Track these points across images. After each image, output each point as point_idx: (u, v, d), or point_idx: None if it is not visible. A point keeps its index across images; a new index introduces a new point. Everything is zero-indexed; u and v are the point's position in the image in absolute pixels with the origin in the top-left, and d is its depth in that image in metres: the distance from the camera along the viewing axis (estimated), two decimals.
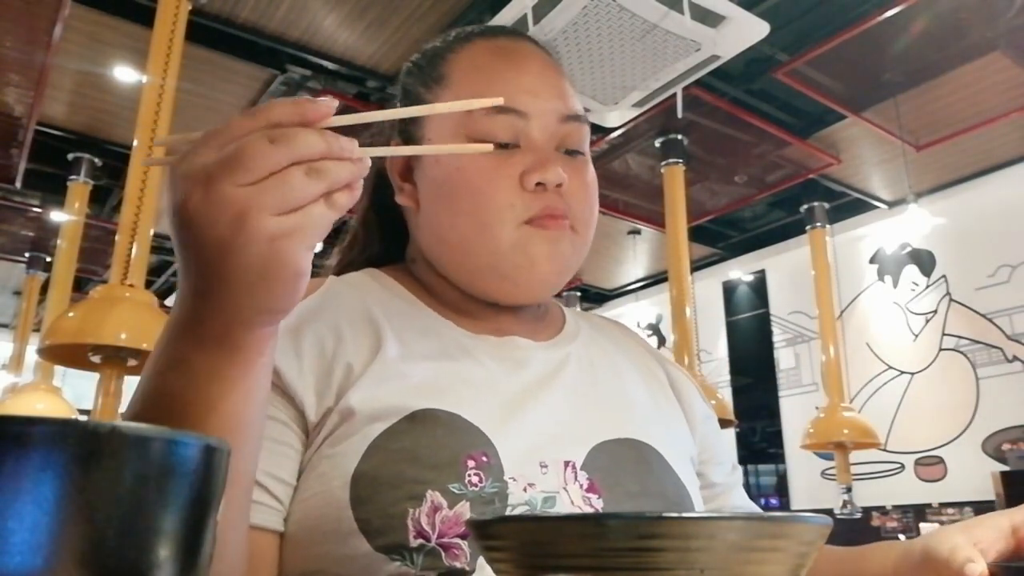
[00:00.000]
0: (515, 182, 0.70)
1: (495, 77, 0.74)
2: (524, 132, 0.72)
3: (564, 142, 0.74)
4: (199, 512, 0.27)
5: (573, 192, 0.72)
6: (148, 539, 0.25)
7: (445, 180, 0.72)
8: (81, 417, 1.73)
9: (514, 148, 0.71)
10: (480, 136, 0.71)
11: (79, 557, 0.23)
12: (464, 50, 0.77)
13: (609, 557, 0.29)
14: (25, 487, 0.23)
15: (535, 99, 0.73)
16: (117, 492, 0.24)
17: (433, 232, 0.75)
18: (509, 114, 0.71)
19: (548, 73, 0.76)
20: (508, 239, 0.70)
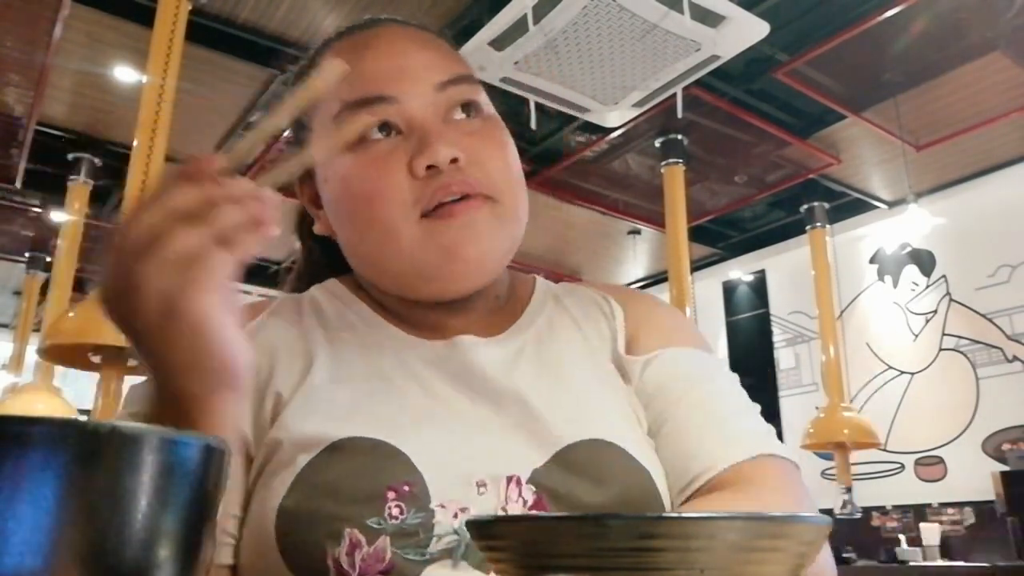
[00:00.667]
0: (404, 173, 0.64)
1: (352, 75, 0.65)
2: (401, 117, 0.66)
3: (452, 108, 0.67)
4: (199, 512, 0.27)
5: (477, 159, 0.65)
6: (148, 539, 0.25)
7: (339, 197, 0.68)
8: (81, 417, 1.73)
9: (396, 136, 0.66)
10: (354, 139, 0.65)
11: (79, 557, 0.23)
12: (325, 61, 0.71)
13: (609, 557, 0.29)
14: (25, 487, 0.23)
15: (397, 80, 0.66)
16: (117, 492, 0.24)
17: (349, 252, 0.71)
18: (374, 104, 0.65)
19: (407, 48, 0.69)
20: (414, 238, 0.64)
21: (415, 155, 0.64)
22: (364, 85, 0.66)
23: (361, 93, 0.66)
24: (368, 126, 0.65)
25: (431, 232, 0.64)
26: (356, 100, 0.66)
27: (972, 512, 4.98)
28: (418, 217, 0.64)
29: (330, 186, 0.69)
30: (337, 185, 0.68)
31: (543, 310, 0.76)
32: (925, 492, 5.22)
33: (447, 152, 0.63)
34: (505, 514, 0.58)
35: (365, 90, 0.66)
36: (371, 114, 0.65)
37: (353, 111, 0.66)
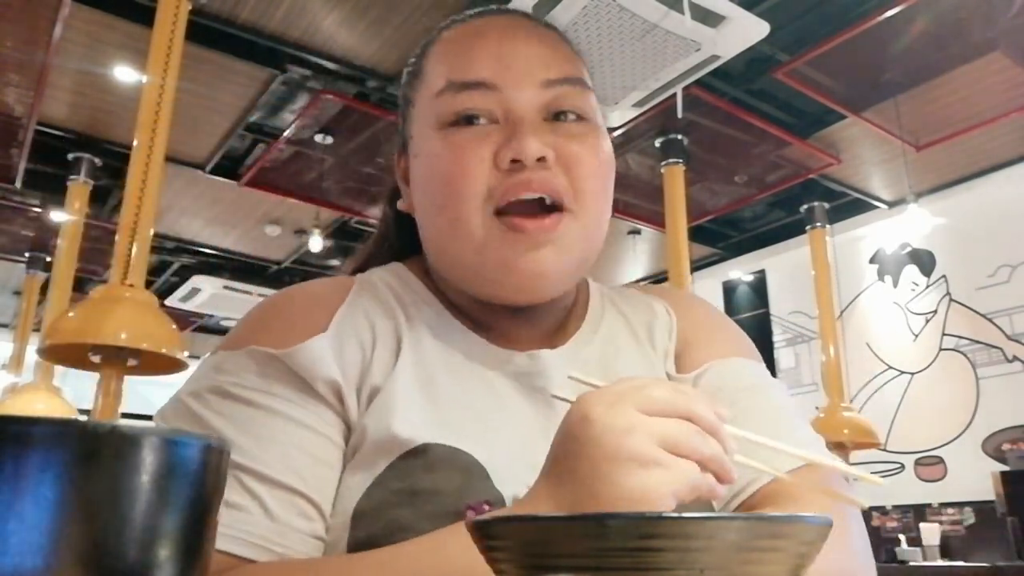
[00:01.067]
0: (488, 163, 0.62)
1: (461, 54, 0.67)
2: (501, 107, 0.64)
3: (555, 108, 0.65)
4: (199, 512, 0.27)
5: (566, 162, 0.63)
6: (148, 539, 0.25)
7: (423, 173, 0.66)
8: (81, 417, 1.74)
9: (490, 124, 0.64)
10: (452, 118, 0.64)
11: (79, 557, 0.23)
12: (441, 39, 0.71)
13: (609, 557, 0.29)
14: (25, 487, 0.23)
15: (505, 69, 0.65)
16: (117, 492, 0.24)
17: (423, 235, 0.70)
18: (476, 88, 0.64)
19: (526, 39, 0.67)
20: (479, 236, 0.62)
21: (502, 146, 0.62)
22: (470, 67, 0.65)
23: (465, 75, 0.65)
24: (465, 108, 0.64)
25: (499, 238, 0.62)
26: (459, 81, 0.65)
27: (972, 512, 4.98)
28: (491, 212, 0.62)
29: (418, 162, 0.68)
30: (423, 163, 0.67)
31: (603, 319, 0.75)
32: (925, 492, 5.22)
33: (536, 148, 0.61)
34: (505, 514, 0.58)
35: (470, 73, 0.65)
36: (472, 98, 0.64)
37: (455, 91, 0.65)
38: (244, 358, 0.62)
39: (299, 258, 6.35)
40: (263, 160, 4.65)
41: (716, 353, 0.72)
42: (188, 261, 6.45)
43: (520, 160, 0.61)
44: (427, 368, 0.65)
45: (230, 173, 4.94)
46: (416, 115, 0.69)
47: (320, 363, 0.61)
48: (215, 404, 0.59)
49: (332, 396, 0.61)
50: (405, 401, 0.62)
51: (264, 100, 4.19)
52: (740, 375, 0.70)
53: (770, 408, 0.68)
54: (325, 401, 0.61)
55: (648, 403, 0.47)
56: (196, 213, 5.65)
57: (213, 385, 0.60)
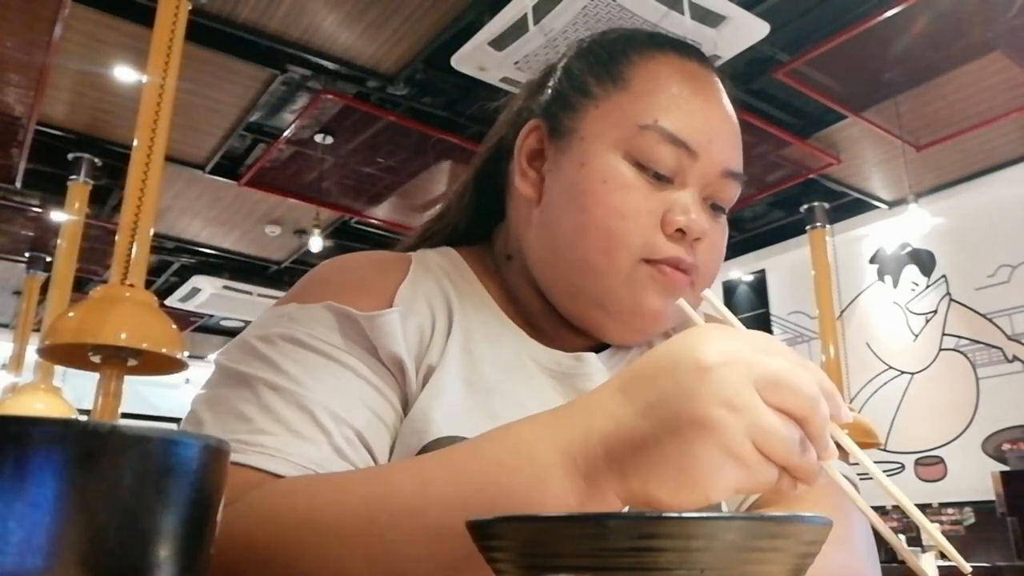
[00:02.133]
0: (656, 219, 0.65)
1: (677, 103, 0.67)
2: (685, 171, 0.66)
3: (715, 196, 0.68)
4: (199, 512, 0.27)
5: (706, 249, 0.67)
6: (148, 539, 0.25)
7: (585, 190, 0.66)
8: (81, 417, 1.73)
9: (667, 182, 0.66)
10: (640, 156, 0.65)
11: (79, 557, 0.23)
12: (652, 60, 0.70)
13: (609, 557, 0.29)
14: (25, 487, 0.23)
15: (709, 141, 0.67)
16: (117, 492, 0.24)
17: (550, 235, 0.69)
18: (680, 147, 0.65)
19: (728, 119, 0.70)
20: (625, 272, 0.64)
21: (675, 211, 0.65)
22: (686, 124, 0.66)
23: (680, 129, 0.66)
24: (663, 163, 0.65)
25: (642, 279, 0.64)
26: (672, 134, 0.65)
27: (972, 512, 4.98)
28: (639, 260, 0.64)
29: (585, 171, 0.66)
30: (594, 180, 0.66)
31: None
32: (925, 492, 5.22)
33: (702, 228, 0.65)
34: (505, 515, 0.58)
35: (684, 130, 0.66)
36: (673, 155, 0.65)
37: (663, 139, 0.65)
38: (321, 311, 0.63)
39: (299, 258, 6.35)
40: (263, 160, 4.65)
41: None
42: (188, 261, 6.45)
43: (684, 231, 0.65)
44: (474, 359, 0.66)
45: (230, 173, 4.94)
46: (598, 119, 0.68)
47: (391, 338, 0.62)
48: (287, 350, 0.60)
49: (397, 370, 0.63)
50: (450, 389, 0.63)
51: (264, 100, 4.19)
52: None
53: None
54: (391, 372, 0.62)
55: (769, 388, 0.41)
56: (196, 213, 5.65)
57: (285, 332, 0.61)
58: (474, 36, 3.07)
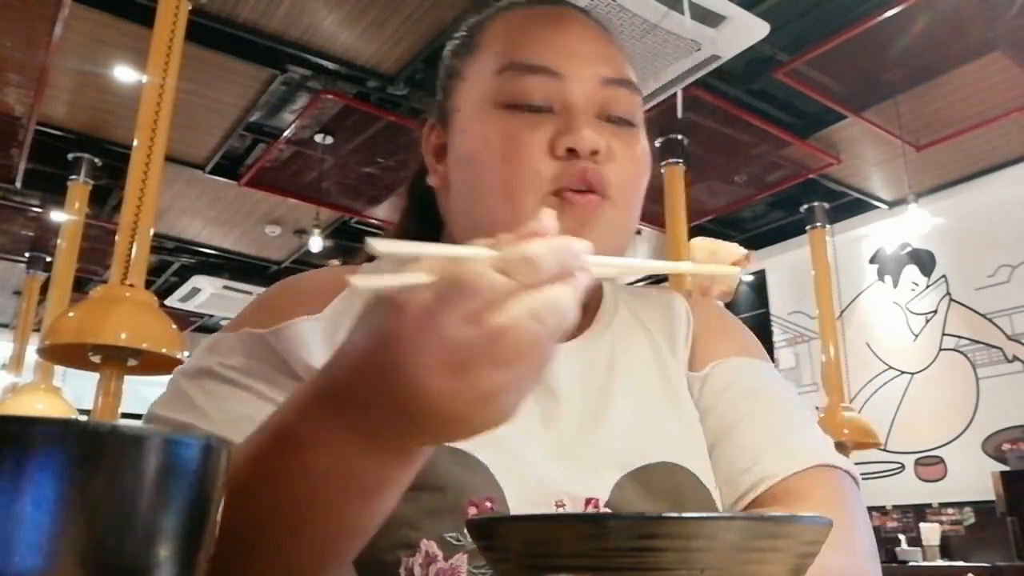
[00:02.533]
0: (544, 148, 0.63)
1: (528, 39, 0.67)
2: (559, 95, 0.65)
3: (607, 108, 0.66)
4: (199, 512, 0.27)
5: (613, 162, 0.65)
6: (148, 539, 0.25)
7: (472, 152, 0.66)
8: (81, 417, 1.73)
9: (546, 113, 0.65)
10: (511, 99, 0.65)
11: (79, 557, 0.23)
12: (500, 18, 0.71)
13: (610, 557, 0.29)
14: (25, 487, 0.23)
15: (571, 60, 0.66)
16: (117, 492, 0.24)
17: (461, 211, 0.69)
18: (542, 74, 0.65)
19: (590, 35, 0.69)
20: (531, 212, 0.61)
21: (560, 134, 0.63)
22: (537, 51, 0.66)
23: (531, 58, 0.65)
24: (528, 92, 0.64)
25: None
26: (525, 63, 0.65)
27: (972, 512, 4.98)
28: (546, 192, 0.62)
29: (467, 137, 0.67)
30: (474, 140, 0.66)
31: (615, 315, 0.74)
32: (925, 492, 5.22)
33: (592, 141, 0.63)
34: (505, 515, 0.58)
35: (537, 56, 0.65)
36: (535, 83, 0.65)
37: (519, 73, 0.65)
38: (234, 340, 0.62)
39: (299, 258, 6.35)
40: (263, 160, 4.65)
41: (723, 352, 0.72)
42: (188, 261, 6.45)
43: (576, 151, 0.62)
44: None
45: (230, 173, 4.94)
46: (466, 89, 0.69)
47: (300, 345, 0.60)
48: (203, 383, 0.60)
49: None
50: None
51: (264, 100, 4.19)
52: (747, 375, 0.70)
53: (777, 409, 0.67)
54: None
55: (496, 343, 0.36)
56: (196, 213, 5.65)
57: (202, 366, 0.61)
58: None
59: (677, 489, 0.62)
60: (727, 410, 0.67)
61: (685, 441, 0.66)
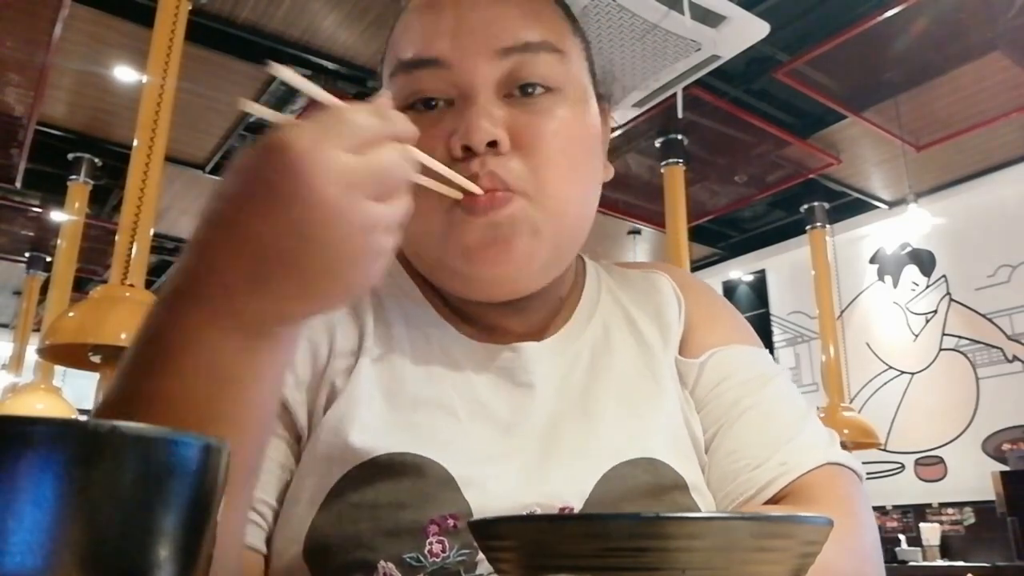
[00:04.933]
0: (443, 151, 0.56)
1: (410, 33, 0.61)
2: (454, 84, 0.58)
3: (514, 80, 0.58)
4: (199, 512, 0.27)
5: (523, 143, 0.57)
6: (148, 539, 0.25)
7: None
8: (81, 417, 1.72)
9: (446, 107, 0.58)
10: (406, 101, 0.59)
11: (79, 557, 0.23)
12: (400, 20, 0.65)
13: (611, 557, 0.29)
14: (25, 487, 0.23)
15: (453, 41, 0.58)
16: (117, 492, 0.24)
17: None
18: (425, 67, 0.58)
19: (476, 11, 0.59)
20: (439, 226, 0.57)
21: (452, 133, 0.56)
22: (417, 44, 0.59)
23: (413, 52, 0.60)
24: (419, 91, 0.59)
25: (457, 226, 0.56)
26: (409, 60, 0.60)
27: (972, 512, 4.98)
28: (449, 206, 0.56)
29: None
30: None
31: (597, 307, 0.70)
32: (925, 492, 5.22)
33: (484, 132, 0.55)
34: (507, 515, 0.57)
35: (418, 49, 0.59)
36: (424, 78, 0.59)
37: (407, 72, 0.59)
38: None
39: None
40: None
41: (720, 340, 0.68)
42: None
43: (471, 147, 0.55)
44: (395, 368, 0.60)
45: None
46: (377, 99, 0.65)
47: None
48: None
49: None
50: (366, 406, 0.57)
51: (264, 100, 4.19)
52: (746, 364, 0.67)
53: (780, 401, 0.65)
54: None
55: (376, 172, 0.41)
56: (196, 213, 5.63)
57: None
58: None
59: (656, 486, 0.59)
60: (730, 401, 0.64)
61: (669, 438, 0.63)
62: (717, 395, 0.65)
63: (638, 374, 0.66)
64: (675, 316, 0.70)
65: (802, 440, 0.62)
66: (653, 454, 0.60)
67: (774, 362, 0.70)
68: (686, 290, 0.73)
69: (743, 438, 0.63)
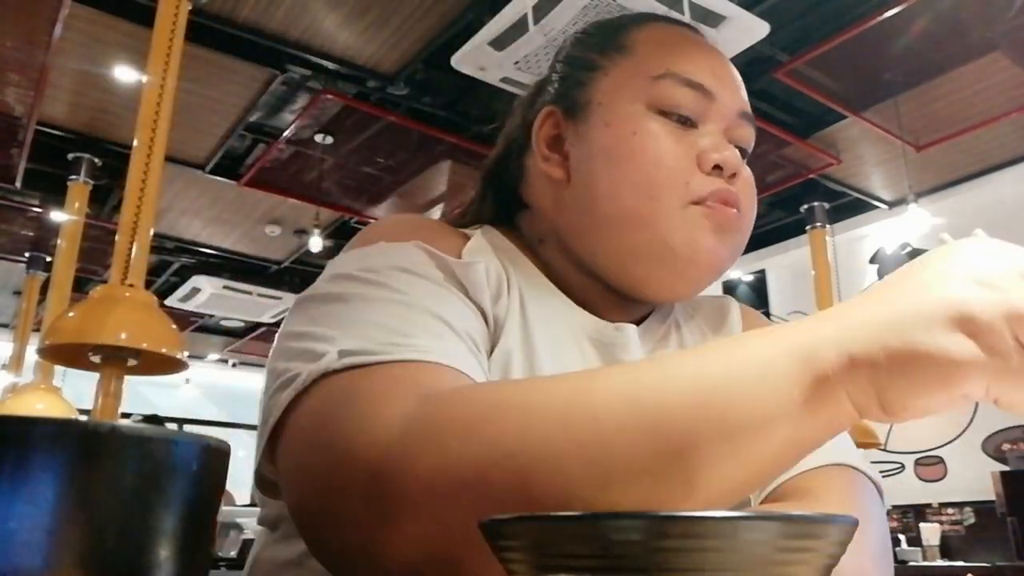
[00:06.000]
0: (692, 160, 0.66)
1: (683, 54, 0.70)
2: (705, 113, 0.68)
3: (735, 138, 0.72)
4: (199, 512, 0.27)
5: (744, 187, 0.70)
6: (148, 539, 0.25)
7: (616, 145, 0.66)
8: (81, 417, 1.73)
9: (692, 128, 0.68)
10: (661, 103, 0.67)
11: (79, 557, 0.23)
12: (647, 27, 0.73)
13: (624, 557, 0.29)
14: (25, 487, 0.23)
15: (721, 84, 0.70)
16: (117, 492, 0.24)
17: (588, 203, 0.68)
18: (697, 90, 0.68)
19: (731, 67, 0.74)
20: (676, 216, 0.64)
21: (709, 149, 0.66)
22: (695, 68, 0.69)
23: (691, 73, 0.68)
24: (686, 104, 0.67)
25: (694, 220, 0.64)
26: (684, 77, 0.68)
27: (972, 512, 4.98)
28: (689, 201, 0.65)
29: (612, 131, 0.67)
30: (624, 135, 0.66)
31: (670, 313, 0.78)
32: (925, 492, 5.22)
33: (737, 162, 0.68)
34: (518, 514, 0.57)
35: (695, 73, 0.68)
36: (691, 97, 0.67)
37: (678, 84, 0.67)
38: (413, 249, 0.61)
39: (299, 258, 6.35)
40: (263, 160, 4.65)
41: None
42: (188, 261, 6.45)
43: (721, 167, 0.66)
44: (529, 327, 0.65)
45: (230, 173, 4.94)
46: (611, 84, 0.70)
47: (480, 288, 0.62)
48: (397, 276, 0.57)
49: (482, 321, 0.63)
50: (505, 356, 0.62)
51: (264, 100, 4.19)
52: None
53: None
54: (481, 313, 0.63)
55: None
56: (196, 213, 5.65)
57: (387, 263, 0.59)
58: (474, 36, 3.07)
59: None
60: None
61: None
62: None
63: None
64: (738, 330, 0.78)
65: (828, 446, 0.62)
66: None
67: None
68: (746, 315, 0.81)
69: None
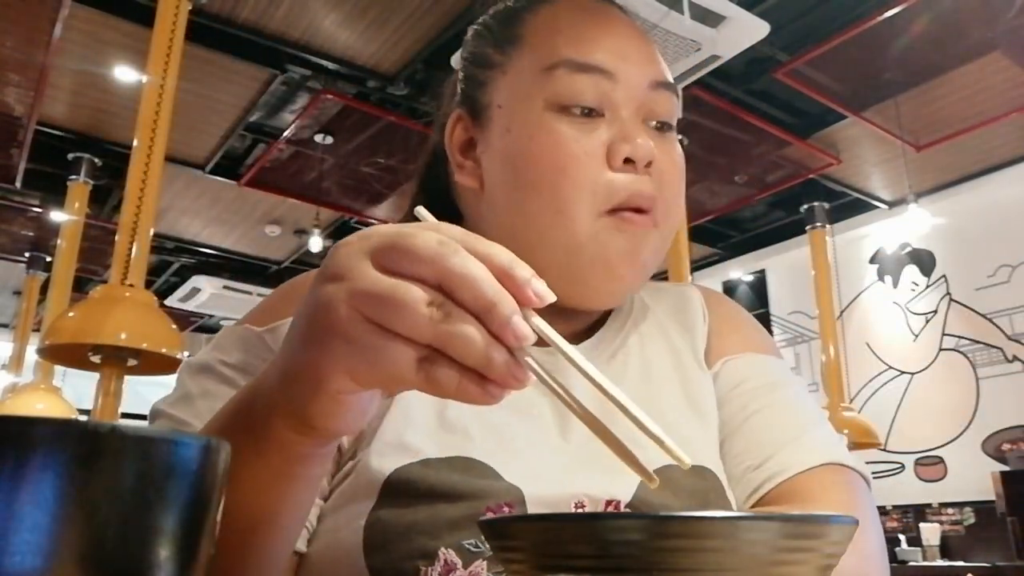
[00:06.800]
0: (600, 159, 0.60)
1: (578, 37, 0.63)
2: (610, 98, 0.62)
3: (652, 113, 0.64)
4: (199, 512, 0.27)
5: (662, 173, 0.62)
6: (148, 539, 0.25)
7: (517, 153, 0.62)
8: (81, 417, 1.73)
9: (598, 117, 0.61)
10: (559, 98, 0.61)
11: (79, 557, 0.23)
12: (543, 10, 0.67)
13: (626, 557, 0.29)
14: (25, 487, 0.23)
15: (622, 61, 0.62)
16: (117, 492, 0.24)
17: (498, 217, 0.64)
18: (594, 73, 0.61)
19: (636, 36, 0.66)
20: (586, 230, 0.59)
21: (618, 141, 0.60)
22: (589, 50, 0.62)
23: (585, 56, 0.62)
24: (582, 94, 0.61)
25: (605, 234, 0.60)
26: (579, 62, 0.62)
27: (972, 512, 4.98)
28: (601, 212, 0.60)
29: (513, 138, 0.62)
30: (525, 143, 0.61)
31: (630, 313, 0.72)
32: (925, 492, 5.22)
33: (648, 150, 0.60)
34: (519, 514, 0.57)
35: (590, 55, 0.62)
36: (588, 83, 0.61)
37: (572, 71, 0.61)
38: (234, 336, 0.62)
39: (299, 258, 6.35)
40: (263, 160, 4.66)
41: (735, 348, 0.70)
42: (188, 261, 6.45)
43: (633, 161, 0.60)
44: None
45: (230, 173, 4.94)
46: (508, 83, 0.64)
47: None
48: (202, 380, 0.59)
49: None
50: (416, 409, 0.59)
51: (264, 100, 4.19)
52: (758, 371, 0.68)
53: (788, 406, 0.66)
54: None
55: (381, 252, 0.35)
56: (196, 213, 5.66)
57: (204, 361, 0.60)
58: None
59: (698, 491, 0.60)
60: (738, 406, 0.65)
61: (705, 443, 0.64)
62: (727, 401, 0.67)
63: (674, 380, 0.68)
64: (701, 328, 0.72)
65: (804, 442, 0.62)
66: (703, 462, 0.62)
67: (790, 371, 0.71)
68: (711, 302, 0.75)
69: (746, 441, 0.64)
